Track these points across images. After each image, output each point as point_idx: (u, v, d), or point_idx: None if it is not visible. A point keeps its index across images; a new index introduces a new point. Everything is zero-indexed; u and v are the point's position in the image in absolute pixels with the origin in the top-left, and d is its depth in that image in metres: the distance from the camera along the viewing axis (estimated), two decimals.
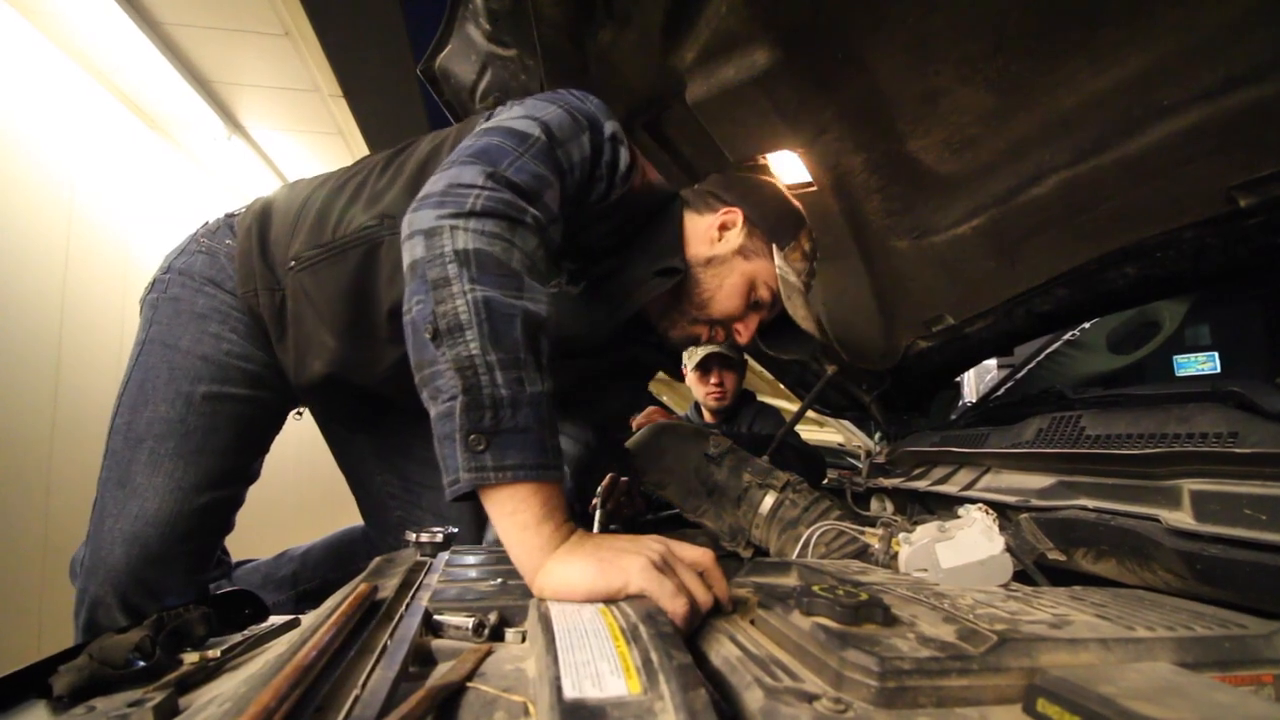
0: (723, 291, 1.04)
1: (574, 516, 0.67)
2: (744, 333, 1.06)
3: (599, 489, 1.40)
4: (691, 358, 2.33)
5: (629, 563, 0.57)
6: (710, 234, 1.04)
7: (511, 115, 0.86)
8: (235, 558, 1.46)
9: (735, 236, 1.04)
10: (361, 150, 3.23)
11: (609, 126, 0.92)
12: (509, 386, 0.63)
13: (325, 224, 1.04)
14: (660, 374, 1.37)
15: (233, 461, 1.10)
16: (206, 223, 1.18)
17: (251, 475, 1.18)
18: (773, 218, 1.05)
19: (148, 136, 2.90)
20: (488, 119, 0.92)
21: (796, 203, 1.09)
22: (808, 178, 1.21)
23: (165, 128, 3.00)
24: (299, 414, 1.29)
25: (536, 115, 0.85)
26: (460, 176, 0.72)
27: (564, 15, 1.07)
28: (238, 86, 2.82)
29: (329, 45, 2.52)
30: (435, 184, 0.73)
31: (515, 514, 0.62)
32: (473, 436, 0.61)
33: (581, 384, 1.26)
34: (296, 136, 3.26)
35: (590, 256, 1.01)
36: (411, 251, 0.69)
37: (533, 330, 0.67)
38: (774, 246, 1.03)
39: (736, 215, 1.04)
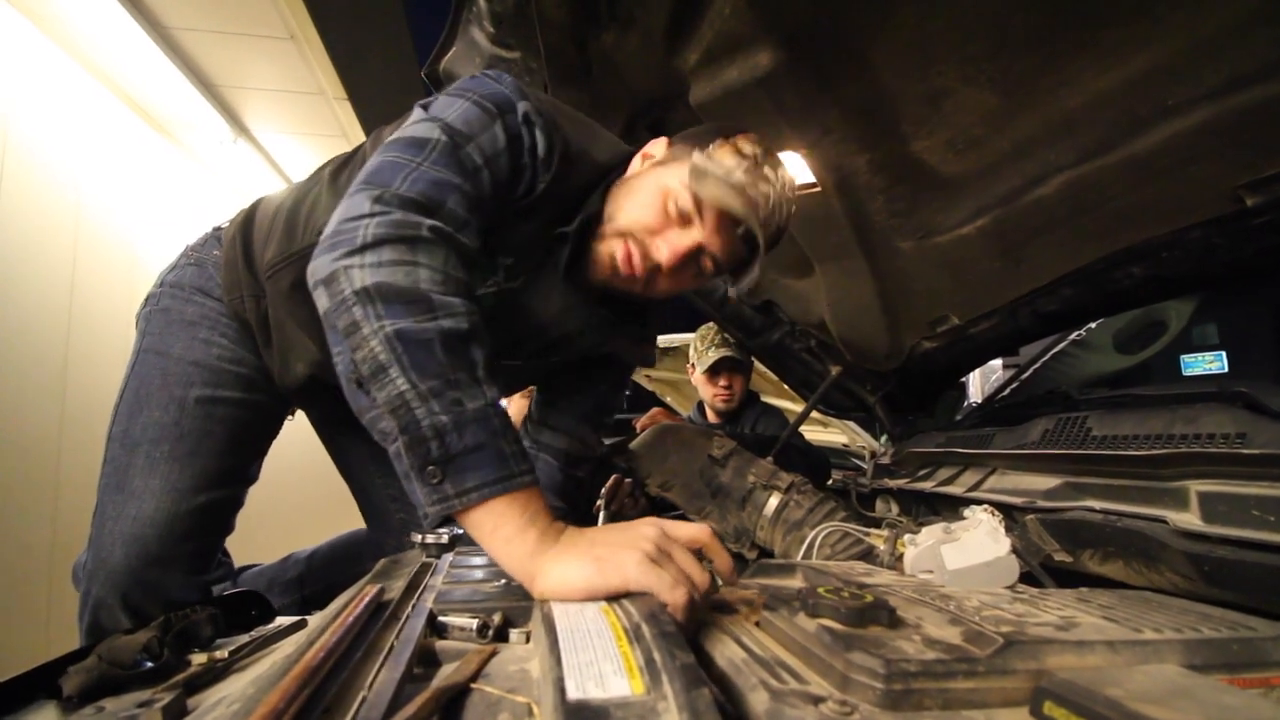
0: (630, 200, 0.90)
1: (567, 512, 0.65)
2: (665, 249, 0.88)
3: (603, 490, 1.40)
4: (701, 360, 2.33)
5: (625, 559, 0.56)
6: (633, 167, 0.95)
7: (414, 120, 0.82)
8: (241, 561, 1.47)
9: (657, 152, 0.94)
10: None
11: (522, 106, 0.83)
12: (448, 411, 0.61)
13: (294, 230, 1.03)
14: (663, 375, 1.33)
15: (228, 463, 1.10)
16: (197, 238, 1.20)
17: (250, 477, 1.18)
18: (701, 131, 0.92)
19: (153, 140, 2.91)
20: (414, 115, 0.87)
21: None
22: (811, 178, 1.21)
23: (171, 131, 3.01)
24: (291, 415, 1.30)
25: (439, 116, 0.81)
26: (349, 209, 0.70)
27: (567, 17, 1.07)
28: (243, 90, 2.83)
29: (333, 49, 2.53)
30: (331, 222, 0.71)
31: (496, 530, 0.61)
32: (429, 469, 0.60)
33: (557, 377, 1.22)
34: (301, 139, 3.27)
35: (525, 251, 0.93)
36: (319, 303, 0.67)
37: (456, 347, 0.64)
38: (695, 151, 0.89)
39: (661, 142, 0.95)
